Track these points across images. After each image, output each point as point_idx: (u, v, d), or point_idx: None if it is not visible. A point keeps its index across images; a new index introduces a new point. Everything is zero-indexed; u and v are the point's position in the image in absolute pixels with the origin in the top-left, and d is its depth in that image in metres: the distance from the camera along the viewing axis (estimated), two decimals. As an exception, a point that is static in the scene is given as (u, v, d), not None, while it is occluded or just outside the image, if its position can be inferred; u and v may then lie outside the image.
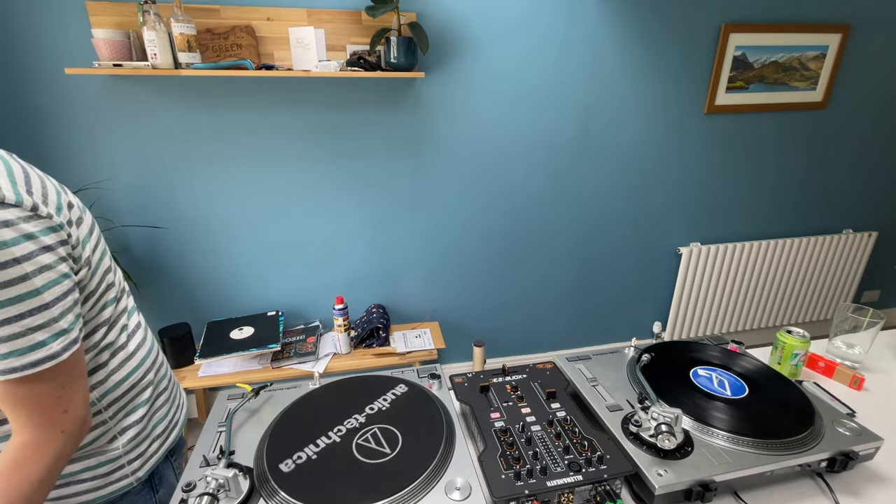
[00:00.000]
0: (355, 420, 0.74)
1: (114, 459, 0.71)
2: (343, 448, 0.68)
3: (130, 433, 0.73)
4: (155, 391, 0.78)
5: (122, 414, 0.72)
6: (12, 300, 0.53)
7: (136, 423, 0.73)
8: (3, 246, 0.51)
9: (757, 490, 0.70)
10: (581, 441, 0.68)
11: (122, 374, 0.71)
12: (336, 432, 0.71)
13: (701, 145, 2.21)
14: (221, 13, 1.58)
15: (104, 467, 0.70)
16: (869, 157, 2.45)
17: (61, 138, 1.65)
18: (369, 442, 0.69)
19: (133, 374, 0.73)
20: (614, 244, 2.32)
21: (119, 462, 0.72)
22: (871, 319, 1.00)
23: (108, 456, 0.70)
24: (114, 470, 0.71)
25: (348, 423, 0.73)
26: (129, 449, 0.73)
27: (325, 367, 1.81)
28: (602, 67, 1.97)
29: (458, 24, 1.80)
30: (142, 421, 0.74)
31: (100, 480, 0.70)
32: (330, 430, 0.71)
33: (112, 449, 0.71)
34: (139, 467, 0.74)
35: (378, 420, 0.73)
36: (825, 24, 2.10)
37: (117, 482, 0.72)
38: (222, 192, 1.83)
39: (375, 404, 0.78)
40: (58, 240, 0.58)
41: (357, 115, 1.83)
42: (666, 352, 0.92)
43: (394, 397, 0.79)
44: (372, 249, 2.06)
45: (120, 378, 0.71)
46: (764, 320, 2.60)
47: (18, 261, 0.52)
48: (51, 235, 0.56)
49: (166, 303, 1.94)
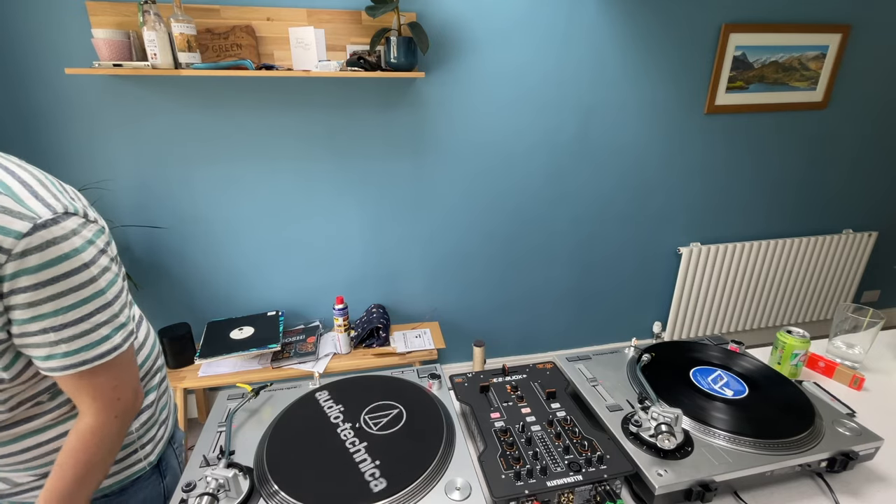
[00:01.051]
0: (355, 420, 0.74)
1: (128, 445, 0.74)
2: (343, 448, 0.68)
3: (143, 417, 0.76)
4: (161, 377, 0.82)
5: None
6: (85, 300, 0.59)
7: (147, 407, 0.77)
8: (76, 252, 0.57)
9: (757, 490, 0.70)
10: (581, 441, 0.68)
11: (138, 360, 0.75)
12: (336, 432, 0.71)
13: (701, 145, 2.21)
14: (221, 13, 1.58)
15: (119, 453, 0.73)
16: (869, 157, 2.45)
17: (61, 138, 1.65)
18: (369, 442, 0.69)
19: (146, 361, 0.78)
20: (614, 244, 2.32)
21: (133, 447, 0.75)
22: (871, 319, 1.00)
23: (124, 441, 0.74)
24: (128, 455, 0.75)
25: (348, 424, 0.73)
26: (141, 433, 0.76)
27: (325, 367, 1.81)
28: (602, 67, 1.97)
29: (458, 24, 1.80)
30: (152, 406, 0.78)
31: (115, 466, 0.73)
32: (330, 430, 0.71)
33: (127, 434, 0.73)
34: (150, 451, 0.78)
35: (378, 420, 0.73)
36: (825, 24, 2.10)
37: (131, 467, 0.76)
38: (222, 191, 1.83)
39: (375, 404, 0.78)
40: (107, 241, 0.65)
41: (357, 115, 1.83)
42: (666, 352, 0.92)
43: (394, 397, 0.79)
44: (372, 249, 2.06)
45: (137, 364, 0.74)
46: (764, 320, 2.60)
47: (87, 265, 0.59)
48: (102, 238, 0.63)
49: (166, 303, 1.94)
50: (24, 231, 0.53)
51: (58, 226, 0.56)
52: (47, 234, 0.55)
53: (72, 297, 0.57)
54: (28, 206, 0.55)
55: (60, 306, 0.57)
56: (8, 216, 0.53)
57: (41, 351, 0.58)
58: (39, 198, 0.56)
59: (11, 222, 0.53)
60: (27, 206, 0.55)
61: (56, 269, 0.55)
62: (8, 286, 0.54)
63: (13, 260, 0.53)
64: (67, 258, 0.56)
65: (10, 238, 0.52)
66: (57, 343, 0.58)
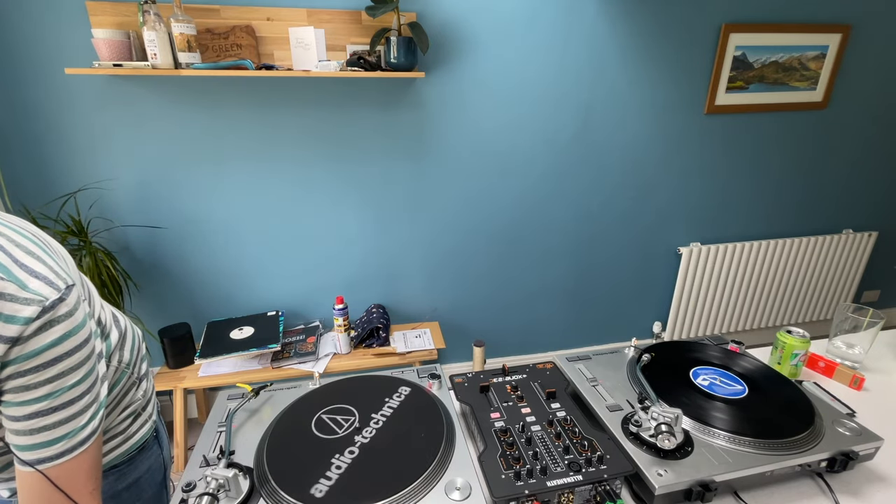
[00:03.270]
0: (355, 420, 0.74)
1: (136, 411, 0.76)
2: (343, 448, 0.68)
3: (145, 384, 0.79)
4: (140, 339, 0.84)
5: (137, 365, 0.77)
6: (82, 379, 0.56)
7: (145, 374, 0.80)
8: (79, 328, 0.55)
9: (757, 490, 0.70)
10: (581, 441, 0.68)
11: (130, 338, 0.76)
12: (336, 432, 0.71)
13: (701, 145, 2.21)
14: (221, 13, 1.58)
15: (128, 419, 0.75)
16: (869, 157, 2.45)
17: (61, 138, 1.65)
18: (369, 442, 0.69)
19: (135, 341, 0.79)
20: (614, 244, 2.32)
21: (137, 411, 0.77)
22: (871, 319, 1.00)
23: (133, 407, 0.76)
24: (135, 418, 0.76)
25: (348, 424, 0.73)
26: (149, 397, 0.80)
27: (325, 367, 1.81)
28: (602, 67, 1.97)
29: (458, 24, 1.80)
30: (147, 373, 0.81)
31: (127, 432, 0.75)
32: (330, 431, 0.71)
33: (136, 399, 0.76)
34: (152, 411, 0.81)
35: (378, 420, 0.73)
36: (825, 24, 2.10)
37: (138, 431, 0.77)
38: (222, 191, 1.83)
39: (375, 405, 0.78)
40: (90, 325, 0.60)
41: (357, 115, 1.83)
42: (666, 352, 0.92)
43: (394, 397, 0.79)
44: (372, 249, 2.06)
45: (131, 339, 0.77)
46: (764, 320, 2.60)
47: (88, 340, 0.57)
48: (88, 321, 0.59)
49: (166, 303, 1.94)
50: (33, 316, 0.51)
51: (63, 303, 0.53)
52: (53, 315, 0.52)
53: (72, 376, 0.55)
54: (32, 290, 0.52)
55: (58, 388, 0.53)
56: (13, 304, 0.50)
57: (22, 439, 0.54)
58: (40, 276, 0.53)
59: (19, 310, 0.50)
60: (31, 290, 0.52)
61: (60, 347, 0.53)
62: (8, 371, 0.51)
63: (19, 345, 0.50)
64: (72, 335, 0.54)
65: (18, 325, 0.50)
66: (40, 430, 0.54)
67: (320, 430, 0.72)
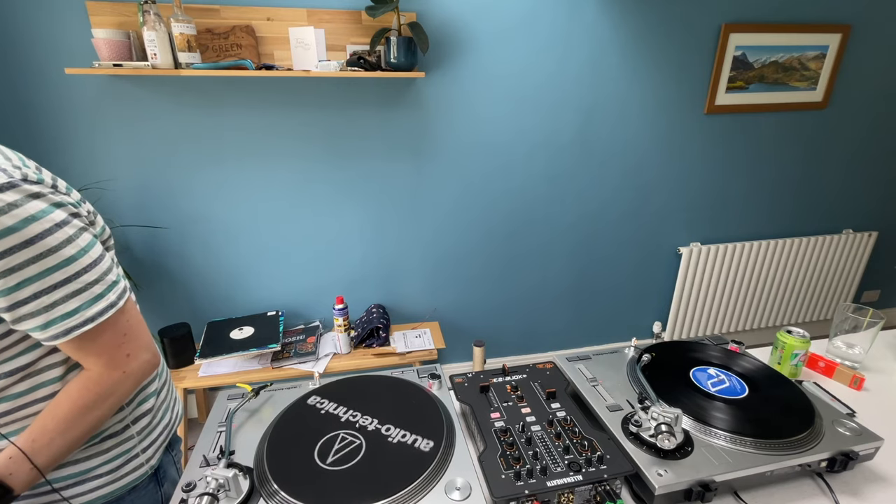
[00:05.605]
0: (355, 420, 0.74)
1: (128, 450, 0.74)
2: (343, 448, 0.68)
3: (143, 421, 0.76)
4: (160, 381, 0.81)
5: (136, 401, 0.75)
6: (68, 260, 0.58)
7: (147, 412, 0.77)
8: (43, 214, 0.57)
9: (757, 490, 0.70)
10: (581, 441, 0.68)
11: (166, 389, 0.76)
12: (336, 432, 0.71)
13: (701, 145, 2.21)
14: (221, 13, 1.58)
15: (119, 459, 0.73)
16: (869, 157, 2.45)
17: (61, 138, 1.65)
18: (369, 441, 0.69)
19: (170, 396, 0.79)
20: (614, 244, 2.32)
21: (133, 451, 0.75)
22: (871, 319, 1.00)
23: (123, 447, 0.73)
24: (128, 461, 0.74)
25: (348, 424, 0.73)
26: (143, 437, 0.76)
27: (325, 367, 1.81)
28: (602, 67, 1.97)
29: (459, 24, 1.80)
30: (152, 410, 0.78)
31: (114, 473, 0.73)
32: (330, 431, 0.71)
33: (128, 437, 0.74)
34: (151, 456, 0.78)
35: (378, 420, 0.73)
36: (825, 24, 2.10)
37: (131, 473, 0.75)
38: (222, 191, 1.83)
39: (375, 404, 0.77)
40: (76, 212, 0.63)
41: (357, 115, 1.83)
42: (666, 352, 0.92)
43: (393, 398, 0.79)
44: (372, 249, 2.06)
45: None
46: (764, 320, 2.60)
47: (60, 225, 0.58)
48: (68, 207, 0.62)
49: (166, 303, 1.94)
50: None
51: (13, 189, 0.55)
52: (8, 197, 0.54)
53: (53, 258, 0.57)
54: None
55: (45, 267, 0.56)
56: None
57: (38, 320, 0.57)
58: None
59: None
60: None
61: (27, 230, 0.54)
62: None
63: None
64: (35, 219, 0.55)
65: None
66: (52, 306, 0.57)
67: (320, 430, 0.72)
